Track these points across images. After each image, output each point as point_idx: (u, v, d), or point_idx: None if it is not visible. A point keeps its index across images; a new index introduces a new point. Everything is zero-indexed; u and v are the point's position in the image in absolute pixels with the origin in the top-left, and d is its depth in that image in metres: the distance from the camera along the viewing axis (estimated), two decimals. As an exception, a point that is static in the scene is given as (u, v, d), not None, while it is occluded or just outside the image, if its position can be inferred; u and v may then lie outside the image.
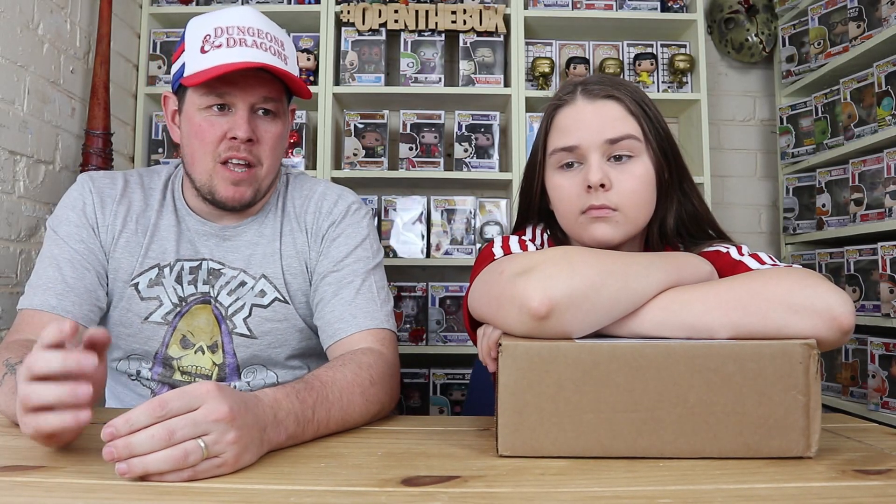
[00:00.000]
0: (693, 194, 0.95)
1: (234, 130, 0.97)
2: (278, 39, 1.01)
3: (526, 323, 0.69)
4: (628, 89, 0.91)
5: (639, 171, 0.88)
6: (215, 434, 0.60)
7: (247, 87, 0.97)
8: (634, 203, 0.88)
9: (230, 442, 0.60)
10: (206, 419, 0.59)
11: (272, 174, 1.04)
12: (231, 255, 1.06)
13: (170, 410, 0.59)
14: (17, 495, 0.55)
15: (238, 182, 0.99)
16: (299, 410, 0.72)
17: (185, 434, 0.59)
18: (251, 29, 0.98)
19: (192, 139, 1.00)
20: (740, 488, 0.58)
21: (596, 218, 0.87)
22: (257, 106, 0.99)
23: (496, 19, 2.19)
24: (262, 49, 0.97)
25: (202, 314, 1.03)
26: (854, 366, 1.92)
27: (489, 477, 0.62)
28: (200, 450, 0.59)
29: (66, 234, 1.02)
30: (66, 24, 1.74)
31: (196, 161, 1.00)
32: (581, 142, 0.88)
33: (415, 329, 2.16)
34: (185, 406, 0.60)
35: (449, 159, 2.30)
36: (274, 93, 1.00)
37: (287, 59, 1.01)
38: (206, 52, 0.96)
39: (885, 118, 1.80)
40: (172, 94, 1.05)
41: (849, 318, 0.68)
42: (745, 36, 2.37)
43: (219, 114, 0.98)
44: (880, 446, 0.74)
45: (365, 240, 1.07)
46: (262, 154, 1.00)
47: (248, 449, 0.63)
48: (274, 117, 1.01)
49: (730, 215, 2.47)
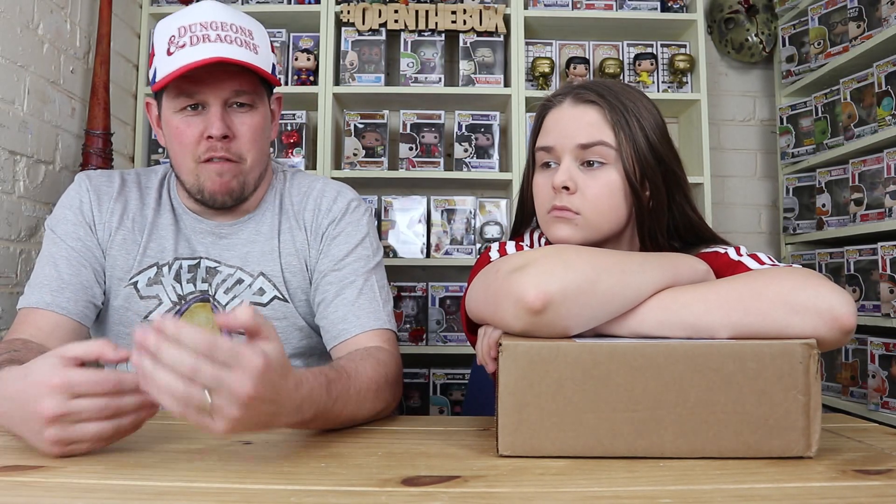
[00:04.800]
0: (687, 206, 0.93)
1: (209, 129, 0.96)
2: (245, 29, 0.99)
3: (522, 318, 0.68)
4: (618, 97, 0.89)
5: (606, 179, 0.88)
6: (223, 400, 0.57)
7: (216, 83, 0.96)
8: (597, 209, 0.88)
9: (229, 416, 0.58)
10: (227, 384, 0.57)
11: (259, 167, 1.03)
12: (227, 252, 1.05)
13: (212, 356, 0.57)
14: (17, 495, 0.55)
15: (222, 172, 0.98)
16: (323, 404, 0.72)
17: (204, 381, 0.57)
18: (214, 23, 0.96)
19: (172, 142, 0.99)
20: (740, 488, 0.58)
21: (558, 218, 0.88)
22: (231, 101, 0.98)
23: (496, 19, 2.19)
24: (226, 42, 0.95)
25: (201, 312, 1.03)
26: (854, 366, 1.92)
27: (489, 477, 0.62)
28: (202, 401, 0.57)
29: (64, 232, 1.02)
30: (66, 24, 1.74)
31: (180, 163, 1.00)
32: (556, 143, 0.90)
33: (415, 329, 2.16)
34: (226, 361, 0.57)
35: (449, 159, 2.30)
36: (246, 85, 0.98)
37: (257, 48, 0.99)
38: (171, 54, 0.95)
39: (885, 118, 1.79)
40: (153, 99, 1.05)
41: (851, 319, 0.68)
42: (745, 36, 2.37)
43: (193, 113, 0.97)
44: (880, 446, 0.74)
45: (365, 238, 1.07)
46: (242, 149, 0.99)
47: (244, 428, 0.61)
48: (250, 109, 1.00)
49: (730, 215, 2.47)
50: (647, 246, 0.92)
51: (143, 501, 0.55)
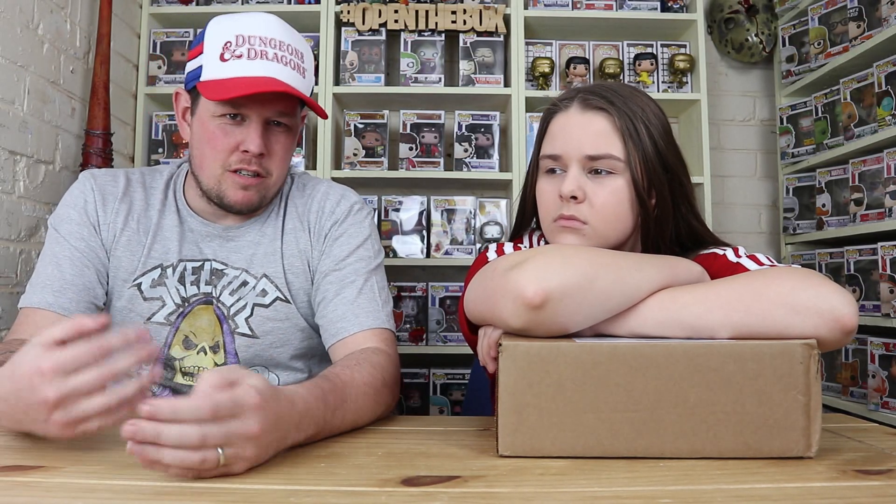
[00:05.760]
0: (691, 214, 0.93)
1: (247, 144, 0.96)
2: (298, 52, 1.00)
3: (521, 315, 0.68)
4: (627, 103, 0.88)
5: (614, 188, 0.87)
6: (237, 448, 0.60)
7: (264, 101, 0.96)
8: (605, 218, 0.87)
9: (246, 457, 0.61)
10: (237, 433, 0.59)
11: (280, 182, 1.05)
12: (234, 255, 1.06)
13: (219, 417, 0.58)
14: (17, 495, 0.55)
15: (247, 187, 1.00)
16: (321, 417, 0.72)
17: (214, 443, 0.58)
18: (273, 41, 0.96)
19: (203, 144, 0.99)
20: (740, 488, 0.58)
21: (564, 227, 0.87)
22: (271, 119, 0.99)
23: (496, 19, 2.19)
24: (282, 63, 0.96)
25: (204, 315, 1.03)
26: (854, 366, 1.92)
27: (489, 477, 0.62)
28: (217, 459, 0.58)
29: (67, 231, 1.02)
30: (66, 24, 1.74)
31: (205, 166, 1.00)
32: (564, 152, 0.88)
33: (415, 329, 2.16)
34: (230, 415, 0.59)
35: (449, 159, 2.30)
36: (289, 108, 1.00)
37: (305, 72, 1.01)
38: (226, 61, 0.95)
39: (885, 118, 1.79)
40: (185, 91, 1.04)
41: (852, 319, 0.67)
42: (745, 36, 2.37)
43: (232, 122, 0.97)
44: (880, 446, 0.74)
45: (367, 240, 1.07)
46: (272, 166, 1.01)
47: (259, 460, 0.63)
48: (287, 129, 1.01)
49: (730, 215, 2.47)
50: (649, 253, 0.92)
51: (143, 501, 0.55)
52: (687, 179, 0.92)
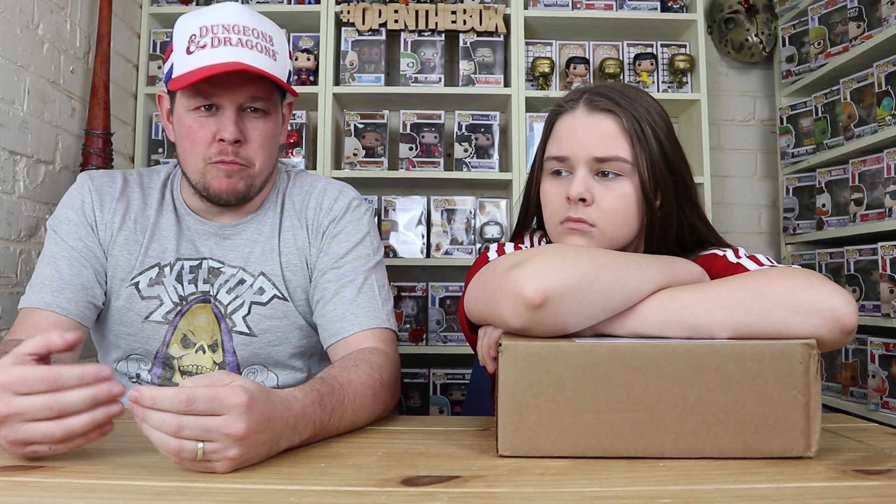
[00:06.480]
0: (695, 215, 0.93)
1: (222, 132, 0.96)
2: (266, 35, 0.99)
3: (521, 314, 0.68)
4: (633, 105, 0.88)
5: (623, 191, 0.86)
6: (219, 445, 0.60)
7: (233, 87, 0.96)
8: (613, 221, 0.86)
9: (229, 457, 0.60)
10: (217, 430, 0.59)
11: (266, 171, 1.04)
12: (231, 253, 1.06)
13: (192, 410, 0.59)
14: (17, 495, 0.55)
15: (230, 174, 0.99)
16: (318, 420, 0.72)
17: (191, 435, 0.59)
18: (236, 27, 0.96)
19: (183, 140, 1.00)
20: (740, 488, 0.58)
21: (572, 230, 0.87)
22: (245, 105, 0.98)
23: (496, 19, 2.18)
24: (248, 47, 0.96)
25: (202, 313, 1.03)
26: (854, 366, 1.92)
27: (489, 477, 0.62)
28: (195, 452, 0.59)
29: (65, 232, 1.02)
30: (66, 24, 1.74)
31: (188, 161, 1.00)
32: (571, 154, 0.87)
33: (415, 329, 2.16)
34: (209, 410, 0.59)
35: (449, 159, 2.30)
36: (262, 91, 0.99)
37: (276, 54, 1.00)
38: (191, 53, 0.95)
39: (885, 118, 1.79)
40: (166, 93, 1.05)
41: (852, 319, 0.67)
42: (745, 36, 2.37)
43: (207, 114, 0.98)
44: (880, 446, 0.74)
45: (365, 237, 1.07)
46: (252, 154, 1.00)
47: (246, 462, 0.63)
48: (264, 115, 1.00)
49: (730, 215, 2.47)
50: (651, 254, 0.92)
51: (143, 501, 0.55)
52: (691, 180, 0.92)
